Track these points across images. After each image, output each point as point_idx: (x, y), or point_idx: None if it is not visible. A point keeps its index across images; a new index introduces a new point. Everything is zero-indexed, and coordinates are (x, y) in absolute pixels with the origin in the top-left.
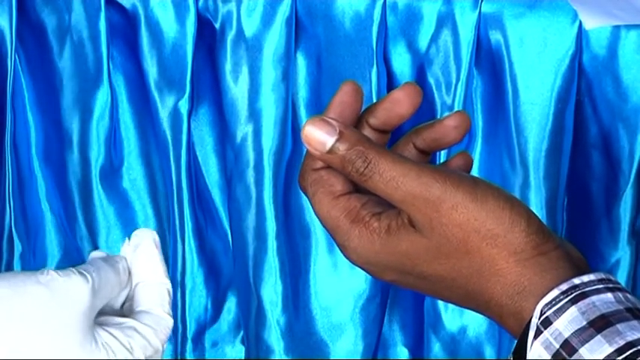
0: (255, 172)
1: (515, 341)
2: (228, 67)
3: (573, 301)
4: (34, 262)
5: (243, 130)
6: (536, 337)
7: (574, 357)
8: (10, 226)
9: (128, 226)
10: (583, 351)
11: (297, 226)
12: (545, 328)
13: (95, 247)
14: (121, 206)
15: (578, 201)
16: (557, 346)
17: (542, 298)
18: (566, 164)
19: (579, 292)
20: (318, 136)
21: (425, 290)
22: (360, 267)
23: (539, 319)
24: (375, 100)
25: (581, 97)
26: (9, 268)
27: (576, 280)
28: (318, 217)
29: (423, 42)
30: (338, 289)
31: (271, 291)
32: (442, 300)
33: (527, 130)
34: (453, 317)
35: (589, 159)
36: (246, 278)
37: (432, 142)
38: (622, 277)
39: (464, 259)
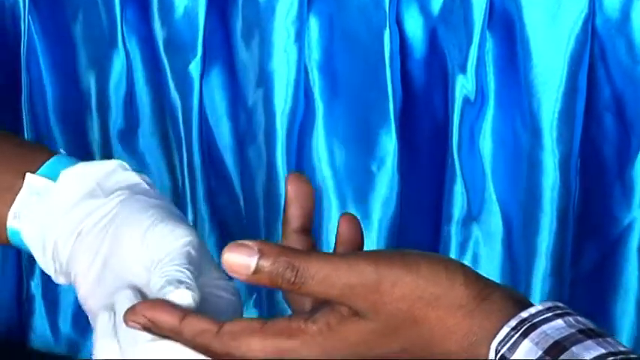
0: (267, 134)
1: None
2: (240, 29)
3: (525, 335)
4: None
5: (255, 92)
6: None
7: None
8: None
9: None
10: None
11: None
12: None
13: None
14: (139, 168)
15: (592, 164)
16: None
17: (494, 339)
18: (579, 127)
19: (529, 324)
20: (240, 260)
21: None
22: None
23: (495, 358)
24: (387, 68)
25: (594, 59)
26: None
27: (524, 314)
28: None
29: (435, 4)
30: None
31: None
32: None
33: (539, 92)
34: None
35: (602, 122)
36: None
37: (302, 220)
38: (635, 239)
39: (413, 329)
